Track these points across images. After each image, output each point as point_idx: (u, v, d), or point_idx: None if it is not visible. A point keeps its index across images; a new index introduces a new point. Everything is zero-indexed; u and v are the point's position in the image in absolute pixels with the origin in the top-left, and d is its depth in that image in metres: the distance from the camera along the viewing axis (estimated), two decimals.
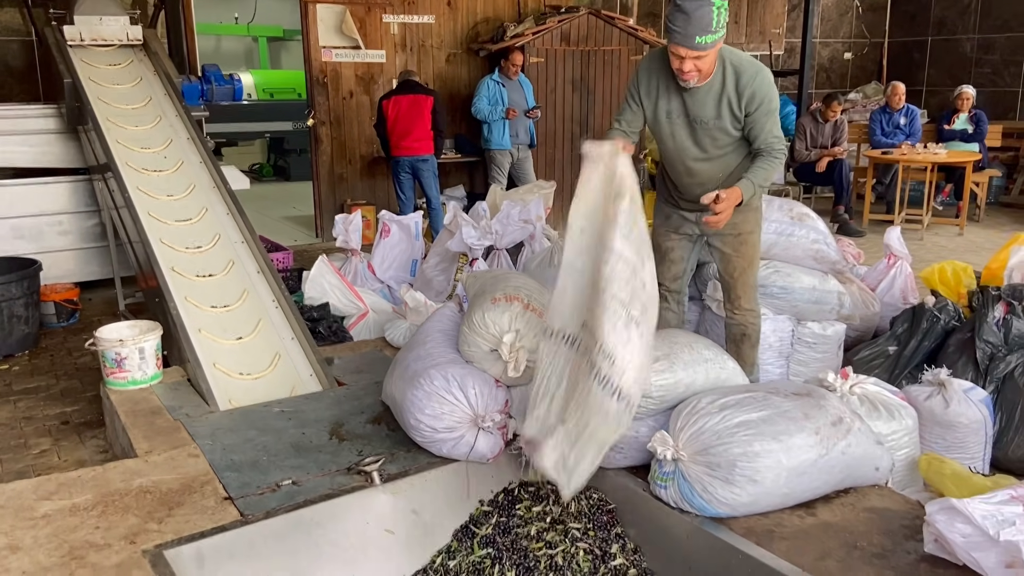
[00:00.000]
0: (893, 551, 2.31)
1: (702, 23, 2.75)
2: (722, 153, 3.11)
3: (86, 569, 2.27)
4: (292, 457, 2.94)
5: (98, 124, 4.76)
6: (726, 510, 2.45)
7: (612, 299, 2.33)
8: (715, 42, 2.83)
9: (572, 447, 2.39)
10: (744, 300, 3.35)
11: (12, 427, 3.77)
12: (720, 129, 3.02)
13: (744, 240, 3.28)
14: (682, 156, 3.20)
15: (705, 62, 2.88)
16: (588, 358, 2.39)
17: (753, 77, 2.95)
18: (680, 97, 3.05)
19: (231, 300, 4.06)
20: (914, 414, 2.86)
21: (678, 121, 3.09)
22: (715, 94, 2.99)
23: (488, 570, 2.62)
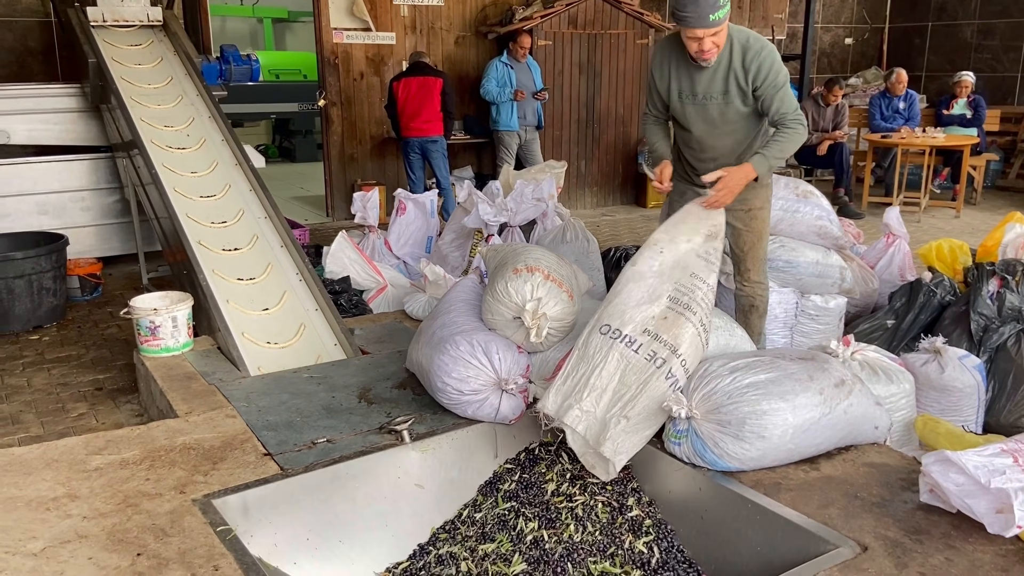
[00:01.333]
0: (891, 500, 2.49)
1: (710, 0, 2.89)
2: (733, 128, 3.26)
3: (141, 515, 2.44)
4: (324, 418, 3.11)
5: (123, 103, 4.90)
6: (736, 464, 2.63)
7: (699, 324, 2.76)
8: (727, 14, 2.96)
9: (628, 437, 2.63)
10: (753, 273, 3.51)
11: (49, 392, 3.94)
12: (729, 104, 3.17)
13: (754, 215, 3.44)
14: (696, 133, 3.36)
15: (721, 36, 3.03)
16: (663, 366, 2.69)
17: (759, 52, 3.09)
18: (690, 76, 3.21)
19: (256, 273, 4.22)
20: (911, 378, 3.03)
21: (689, 99, 3.24)
22: (723, 70, 3.14)
23: (512, 521, 2.79)
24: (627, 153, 8.81)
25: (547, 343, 3.11)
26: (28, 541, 2.29)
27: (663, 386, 2.68)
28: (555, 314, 3.07)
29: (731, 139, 3.29)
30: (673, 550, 2.61)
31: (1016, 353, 3.52)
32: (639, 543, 2.63)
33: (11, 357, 4.39)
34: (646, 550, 2.60)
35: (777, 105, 3.12)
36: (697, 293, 2.78)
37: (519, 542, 2.69)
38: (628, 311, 2.80)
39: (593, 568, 2.56)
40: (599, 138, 8.65)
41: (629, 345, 2.74)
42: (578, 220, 4.70)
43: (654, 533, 2.66)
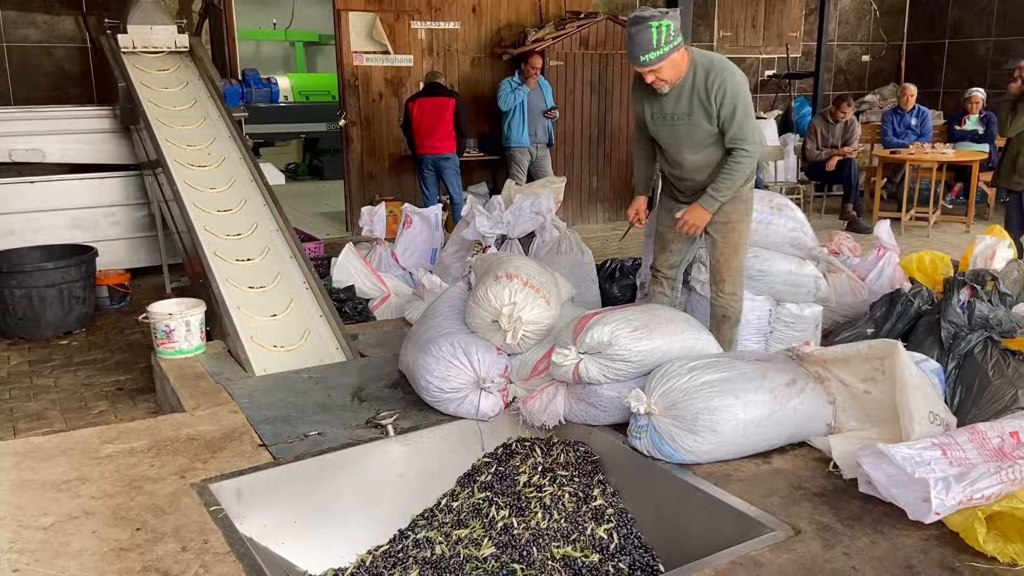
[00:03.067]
0: (832, 491, 2.66)
1: (643, 43, 3.13)
2: (702, 146, 3.46)
3: (144, 496, 2.69)
4: (318, 414, 3.36)
5: (149, 124, 5.24)
6: (691, 457, 2.82)
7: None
8: (661, 56, 3.16)
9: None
10: (728, 284, 3.66)
11: (74, 392, 4.24)
12: (694, 124, 3.38)
13: (732, 228, 3.60)
14: (670, 151, 3.58)
15: (663, 72, 3.25)
16: None
17: (719, 73, 3.29)
18: (659, 101, 3.44)
19: (266, 282, 4.50)
20: None
21: (659, 120, 3.47)
22: (687, 92, 3.36)
23: (486, 509, 3.00)
24: None
25: (523, 345, 3.32)
26: (40, 517, 2.55)
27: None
28: (531, 318, 3.29)
29: (701, 157, 3.49)
30: (631, 536, 2.81)
31: (982, 360, 3.65)
32: (600, 530, 2.82)
33: (41, 360, 4.71)
34: (606, 536, 2.80)
35: (734, 131, 3.32)
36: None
37: (490, 528, 2.90)
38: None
39: (556, 552, 2.76)
40: (610, 155, 8.87)
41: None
42: (574, 233, 4.92)
43: (615, 521, 2.86)
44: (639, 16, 3.12)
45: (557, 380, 3.24)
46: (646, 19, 3.09)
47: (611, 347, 3.05)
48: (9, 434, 3.74)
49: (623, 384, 3.12)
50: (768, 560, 2.28)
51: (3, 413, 3.99)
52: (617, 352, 3.05)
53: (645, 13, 3.12)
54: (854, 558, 2.27)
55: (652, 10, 3.15)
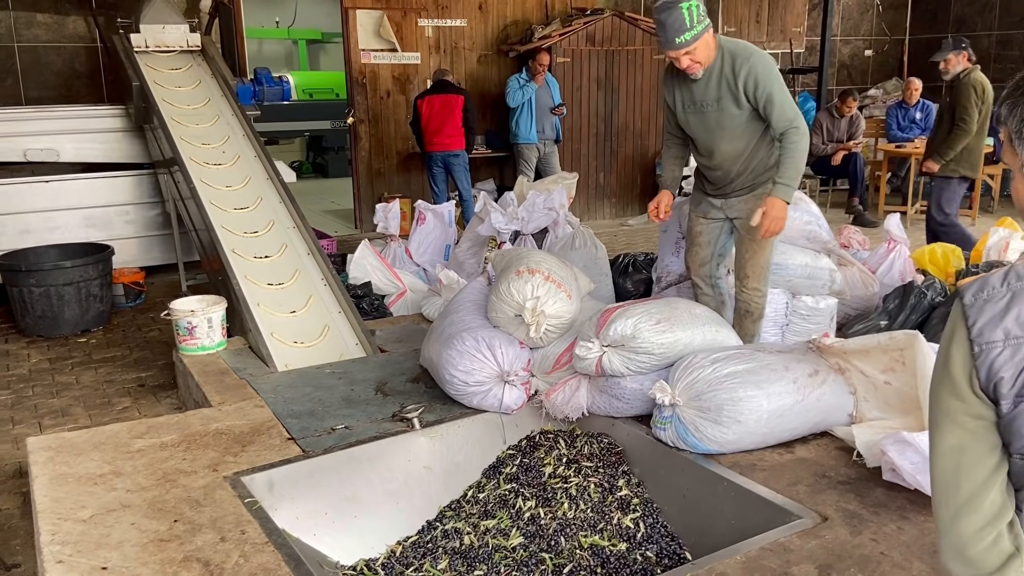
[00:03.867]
0: (856, 479, 2.71)
1: (675, 26, 3.16)
2: (733, 134, 3.46)
3: (179, 489, 2.74)
4: (343, 408, 3.40)
5: (164, 123, 5.28)
6: (715, 447, 2.87)
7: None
8: (696, 36, 3.19)
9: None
10: (752, 280, 3.62)
11: (96, 388, 4.28)
12: (723, 111, 3.40)
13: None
14: (701, 140, 3.58)
15: (698, 54, 3.27)
16: None
17: (747, 59, 3.31)
18: (688, 87, 3.47)
19: (285, 279, 4.54)
20: None
21: (690, 108, 3.49)
22: (715, 78, 3.38)
23: (512, 500, 3.05)
24: (644, 165, 9.05)
25: (546, 339, 3.37)
26: (78, 510, 2.60)
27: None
28: (553, 312, 3.33)
29: (732, 145, 3.48)
30: (657, 525, 2.85)
31: None
32: (627, 519, 2.87)
33: (61, 358, 4.75)
34: (632, 526, 2.84)
35: (777, 114, 3.31)
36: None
37: (517, 519, 2.94)
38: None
39: (584, 541, 2.81)
40: (617, 151, 8.91)
41: None
42: (587, 228, 4.95)
43: (641, 510, 2.90)
44: (667, 1, 3.14)
45: (580, 373, 3.28)
46: (675, 1, 3.10)
47: (634, 340, 3.09)
48: (35, 430, 3.78)
49: (645, 376, 3.16)
50: (797, 546, 2.32)
51: (28, 410, 4.03)
52: (640, 345, 3.09)
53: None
54: (882, 544, 2.32)
55: None
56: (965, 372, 1.09)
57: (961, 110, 5.67)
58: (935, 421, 1.14)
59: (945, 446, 1.13)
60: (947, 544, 1.13)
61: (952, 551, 1.12)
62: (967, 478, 1.10)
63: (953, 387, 1.11)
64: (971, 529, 1.09)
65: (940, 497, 1.15)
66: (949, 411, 1.12)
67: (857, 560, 2.24)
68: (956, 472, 1.11)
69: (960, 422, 1.10)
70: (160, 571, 2.26)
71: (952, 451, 1.12)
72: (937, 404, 1.13)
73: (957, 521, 1.11)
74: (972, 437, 1.10)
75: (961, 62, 5.87)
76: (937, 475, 1.15)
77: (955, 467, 1.12)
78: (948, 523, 1.13)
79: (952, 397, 1.11)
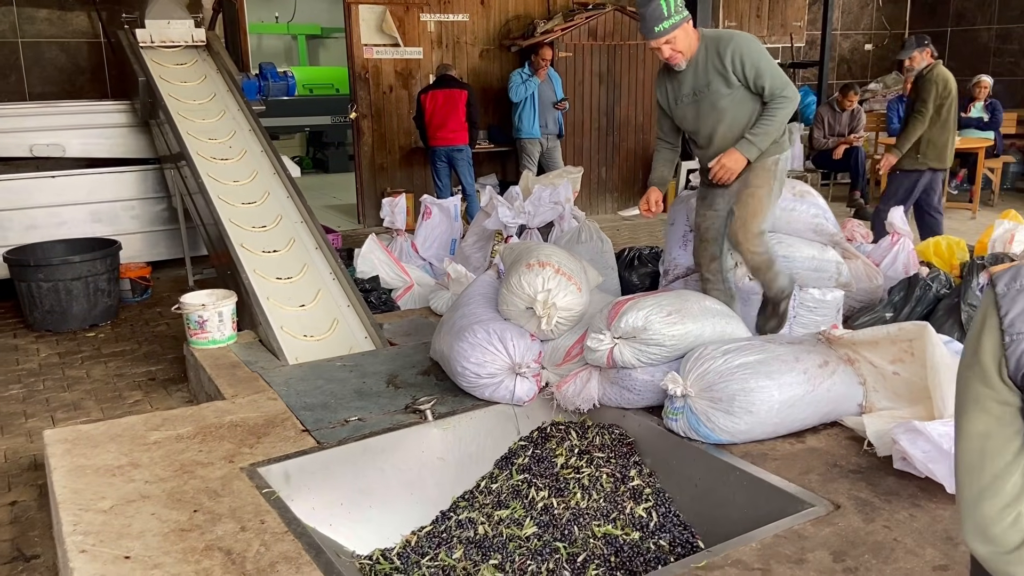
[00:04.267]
0: (867, 468, 2.74)
1: (655, 16, 3.29)
2: (724, 116, 3.51)
3: (196, 480, 2.76)
4: (356, 400, 3.43)
5: (171, 118, 5.29)
6: (727, 437, 2.90)
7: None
8: (674, 25, 3.31)
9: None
10: (747, 244, 3.54)
11: (107, 382, 4.30)
12: (714, 92, 3.47)
13: (752, 193, 3.54)
14: (698, 130, 3.63)
15: (679, 43, 3.37)
16: None
17: (728, 41, 3.41)
18: (677, 80, 3.56)
19: (293, 273, 4.57)
20: None
21: (684, 100, 3.55)
22: (701, 65, 3.47)
23: (525, 490, 3.08)
24: (646, 160, 9.07)
25: (557, 331, 3.40)
26: (98, 500, 2.62)
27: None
28: (564, 304, 3.36)
29: (725, 126, 3.53)
30: (670, 514, 2.88)
31: None
32: (639, 509, 2.90)
33: (70, 352, 4.77)
34: (645, 515, 2.87)
35: (768, 85, 3.39)
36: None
37: (531, 509, 2.97)
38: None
39: (597, 530, 2.84)
40: (619, 145, 8.93)
41: None
42: (593, 222, 4.98)
43: (653, 500, 2.93)
44: None
45: (591, 365, 3.31)
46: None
47: (645, 332, 3.12)
48: (48, 424, 3.80)
49: (656, 368, 3.19)
50: (811, 534, 2.36)
51: (39, 404, 4.05)
52: (651, 336, 3.12)
53: None
54: (895, 530, 2.35)
55: None
56: (995, 360, 1.12)
57: (920, 103, 5.82)
58: (962, 406, 1.17)
59: (971, 430, 1.16)
60: (970, 523, 1.17)
61: (975, 530, 1.16)
62: (991, 461, 1.13)
63: (982, 374, 1.14)
64: (993, 510, 1.13)
65: (964, 479, 1.18)
66: (977, 397, 1.15)
67: (871, 547, 2.28)
68: (981, 455, 1.15)
69: (987, 408, 1.13)
70: (183, 560, 2.29)
71: (978, 435, 1.15)
72: (965, 390, 1.16)
73: (980, 502, 1.14)
74: (998, 423, 1.13)
75: (925, 58, 6.06)
76: (962, 457, 1.18)
77: (980, 450, 1.15)
78: (971, 504, 1.16)
79: (980, 384, 1.14)
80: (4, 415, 3.93)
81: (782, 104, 3.42)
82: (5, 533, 2.96)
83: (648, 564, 2.68)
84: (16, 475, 3.37)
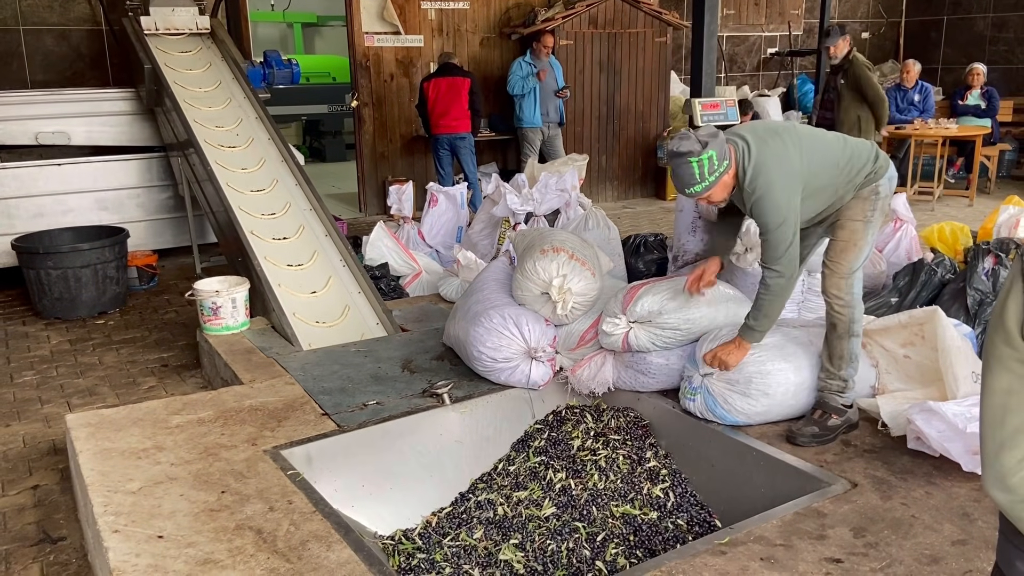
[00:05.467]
0: (881, 448, 2.80)
1: (685, 178, 2.76)
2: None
3: (221, 462, 2.80)
4: (373, 384, 3.47)
5: (178, 105, 5.29)
6: (743, 418, 2.95)
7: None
8: (706, 188, 2.77)
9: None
10: (830, 285, 2.98)
11: (120, 368, 4.33)
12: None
13: (843, 225, 2.98)
14: None
15: (714, 197, 2.84)
16: None
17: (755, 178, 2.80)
18: None
19: (304, 260, 4.59)
20: None
21: None
22: (737, 195, 2.94)
23: (542, 472, 3.12)
24: (646, 147, 9.11)
25: (572, 316, 3.44)
26: (126, 482, 2.65)
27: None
28: (579, 289, 3.40)
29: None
30: (687, 494, 2.94)
31: None
32: (656, 489, 2.95)
33: (81, 339, 4.79)
34: (662, 495, 2.93)
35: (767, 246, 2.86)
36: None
37: (549, 490, 3.02)
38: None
39: (615, 510, 2.89)
40: (619, 133, 8.96)
41: None
42: (599, 209, 5.02)
43: (669, 481, 2.99)
44: (676, 151, 2.76)
45: (605, 349, 3.36)
46: (683, 155, 2.73)
47: (660, 316, 3.17)
48: (64, 409, 3.82)
49: (671, 351, 3.24)
50: (831, 511, 2.41)
51: (54, 389, 4.07)
52: (666, 320, 3.17)
53: (683, 148, 2.74)
54: (912, 507, 2.41)
55: (691, 140, 2.74)
56: (1018, 323, 1.20)
57: (873, 89, 6.59)
58: (987, 364, 1.25)
59: (995, 386, 1.24)
60: (990, 473, 1.25)
61: (995, 479, 1.24)
62: (1012, 416, 1.21)
63: (1006, 336, 1.22)
64: (1012, 461, 1.20)
65: (987, 432, 1.26)
66: (1001, 357, 1.22)
67: (889, 523, 2.33)
68: (1003, 410, 1.23)
69: (1010, 367, 1.22)
70: (215, 539, 2.32)
71: (1001, 392, 1.23)
72: (991, 350, 1.24)
73: (1001, 453, 1.23)
74: (1020, 381, 1.22)
75: (847, 46, 6.73)
76: (986, 412, 1.26)
77: (1002, 406, 1.23)
78: (992, 455, 1.24)
79: (1005, 344, 1.22)
80: (20, 401, 3.95)
81: (770, 279, 2.85)
82: (30, 516, 2.99)
83: (667, 543, 2.73)
84: (36, 459, 3.39)
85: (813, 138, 2.92)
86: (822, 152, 2.88)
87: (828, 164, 2.86)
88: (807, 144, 2.86)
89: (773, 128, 2.95)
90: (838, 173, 2.87)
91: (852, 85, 6.74)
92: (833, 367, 2.96)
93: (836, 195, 2.92)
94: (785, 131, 2.90)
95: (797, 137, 2.86)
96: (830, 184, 2.88)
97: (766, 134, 2.86)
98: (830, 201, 2.93)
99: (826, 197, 2.91)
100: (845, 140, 2.96)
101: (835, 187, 2.90)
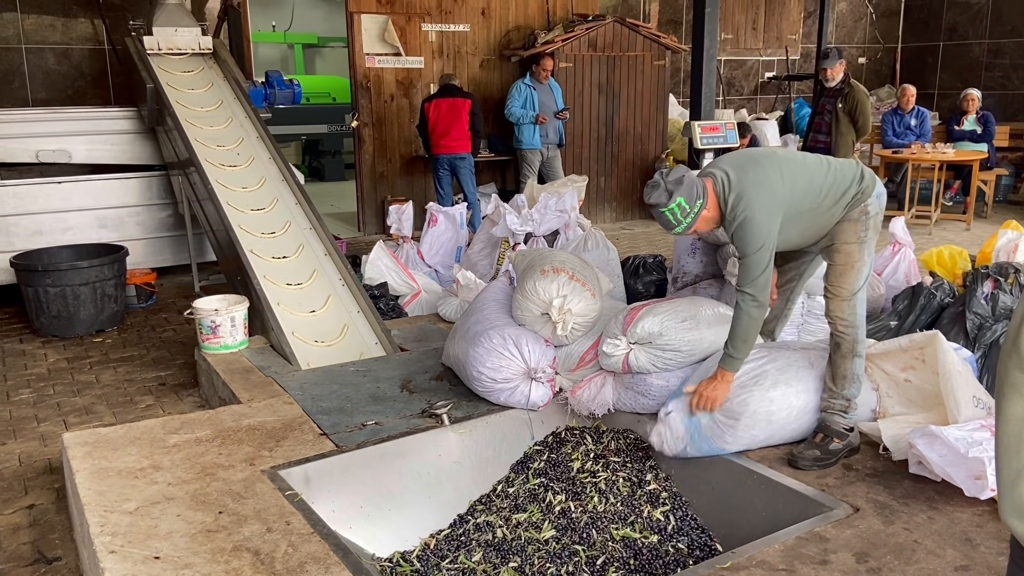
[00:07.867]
0: (883, 472, 2.78)
1: (663, 223, 2.87)
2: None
3: (218, 482, 2.78)
4: (371, 404, 3.45)
5: (180, 124, 5.31)
6: (740, 446, 2.93)
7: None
8: (686, 227, 2.87)
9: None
10: (832, 308, 3.00)
11: (117, 387, 4.31)
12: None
13: (838, 249, 2.99)
14: None
15: (697, 230, 2.92)
16: None
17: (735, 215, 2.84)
18: None
19: (303, 279, 4.59)
20: None
21: None
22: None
23: (542, 494, 3.10)
24: (645, 169, 9.14)
25: (572, 336, 3.43)
26: (123, 502, 2.63)
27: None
28: (579, 310, 3.40)
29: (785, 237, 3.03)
30: (687, 518, 2.92)
31: None
32: (656, 512, 2.93)
33: (79, 357, 4.77)
34: (663, 518, 2.91)
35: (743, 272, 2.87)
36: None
37: (548, 512, 3.00)
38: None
39: (615, 534, 2.87)
40: (618, 155, 9.00)
41: None
42: (599, 230, 5.03)
43: (670, 504, 2.97)
44: (648, 203, 2.87)
45: (605, 370, 3.35)
46: (654, 206, 2.85)
47: (661, 337, 3.16)
48: (60, 428, 3.80)
49: (671, 373, 3.23)
50: (833, 536, 2.40)
51: (51, 408, 4.05)
52: (667, 342, 3.16)
53: (651, 200, 2.84)
54: (915, 532, 2.40)
55: (659, 191, 2.82)
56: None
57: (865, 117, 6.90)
58: (1002, 391, 1.23)
59: (1011, 414, 1.21)
60: (1008, 503, 1.22)
61: (1011, 508, 1.21)
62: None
63: (1020, 362, 1.19)
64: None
65: (1003, 460, 1.24)
66: (1016, 384, 1.20)
67: (892, 548, 2.32)
68: (1019, 439, 1.21)
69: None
70: (212, 560, 2.30)
71: (1017, 420, 1.21)
72: (1005, 376, 1.22)
73: (1018, 482, 1.20)
74: None
75: (843, 70, 6.93)
76: (1001, 440, 1.24)
77: (1018, 434, 1.21)
78: (1010, 483, 1.22)
79: (1019, 371, 1.20)
80: (16, 419, 3.93)
81: (745, 303, 2.86)
82: (25, 536, 2.96)
83: (667, 567, 2.71)
84: (32, 478, 3.37)
85: (794, 163, 2.95)
86: (805, 176, 2.91)
87: (812, 188, 2.90)
88: (787, 169, 2.89)
89: (753, 156, 2.98)
90: (823, 196, 2.91)
91: (849, 110, 6.90)
92: (836, 387, 2.96)
93: (823, 216, 2.94)
94: (765, 158, 2.94)
95: (777, 163, 2.91)
96: (816, 206, 2.91)
97: (747, 163, 2.91)
98: (818, 223, 2.95)
99: (813, 218, 2.94)
100: (829, 163, 2.99)
101: (821, 209, 2.92)
